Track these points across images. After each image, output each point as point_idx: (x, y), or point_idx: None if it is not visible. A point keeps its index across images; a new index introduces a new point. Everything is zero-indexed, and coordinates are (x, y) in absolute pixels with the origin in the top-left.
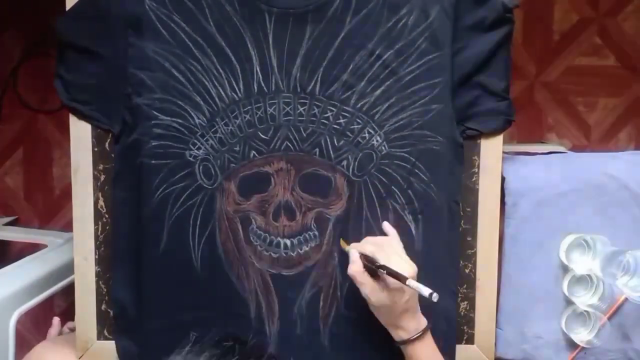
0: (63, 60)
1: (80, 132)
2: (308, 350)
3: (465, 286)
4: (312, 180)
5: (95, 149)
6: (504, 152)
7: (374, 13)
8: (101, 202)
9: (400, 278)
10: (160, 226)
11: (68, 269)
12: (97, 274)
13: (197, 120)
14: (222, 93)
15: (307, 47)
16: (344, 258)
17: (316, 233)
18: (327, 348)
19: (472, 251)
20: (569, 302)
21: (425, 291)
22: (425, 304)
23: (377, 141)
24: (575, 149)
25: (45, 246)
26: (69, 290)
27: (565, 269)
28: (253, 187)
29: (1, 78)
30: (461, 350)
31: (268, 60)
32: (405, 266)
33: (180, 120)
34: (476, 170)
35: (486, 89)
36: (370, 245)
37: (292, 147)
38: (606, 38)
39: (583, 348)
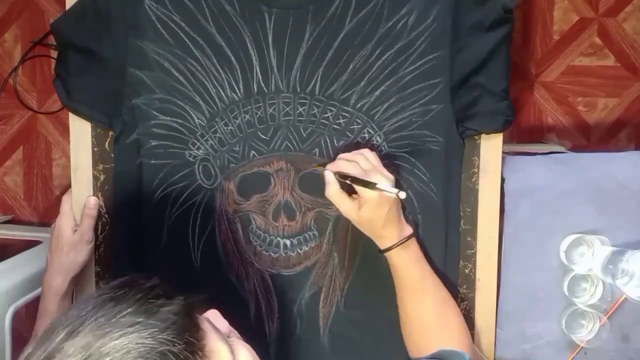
0: (63, 60)
1: (80, 132)
2: (308, 350)
3: (465, 286)
4: (312, 180)
5: (95, 149)
6: (504, 152)
7: (374, 13)
8: (101, 202)
9: (369, 185)
10: (160, 226)
11: None
12: (97, 274)
13: (196, 121)
14: (222, 93)
15: (307, 47)
16: (344, 258)
17: (316, 233)
18: (327, 348)
19: (472, 251)
20: (569, 302)
21: (393, 191)
22: None
23: (376, 141)
24: (575, 149)
25: (40, 242)
26: None
27: (565, 269)
28: (253, 187)
29: (1, 78)
30: None
31: (268, 60)
32: (379, 177)
33: (180, 120)
34: (476, 170)
35: (486, 89)
36: (344, 162)
37: (291, 147)
38: (606, 38)
39: (583, 348)
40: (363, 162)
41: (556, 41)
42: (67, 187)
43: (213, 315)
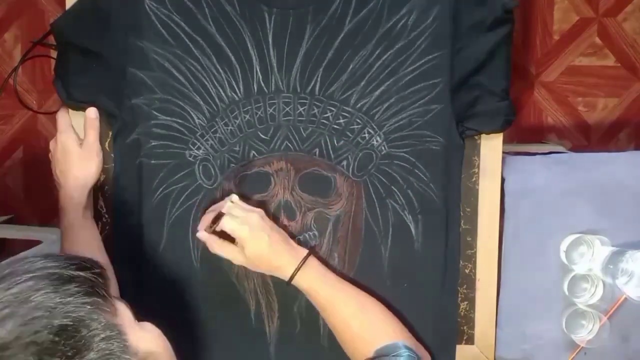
0: (63, 60)
1: (80, 132)
2: (307, 349)
3: (465, 286)
4: (312, 180)
5: None
6: (504, 152)
7: (374, 13)
8: (101, 202)
9: (219, 216)
10: (160, 226)
11: None
12: None
13: (197, 120)
14: (222, 93)
15: (307, 47)
16: (344, 258)
17: (316, 233)
18: (327, 348)
19: (472, 251)
20: (569, 302)
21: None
22: (423, 303)
23: (377, 141)
24: (575, 149)
25: (40, 242)
26: None
27: (565, 269)
28: (253, 187)
29: (1, 78)
30: (461, 350)
31: (268, 60)
32: (233, 209)
33: (180, 120)
34: (476, 170)
35: (486, 89)
36: (208, 215)
37: (292, 147)
38: (606, 38)
39: (583, 348)
40: (225, 208)
41: (556, 41)
42: None
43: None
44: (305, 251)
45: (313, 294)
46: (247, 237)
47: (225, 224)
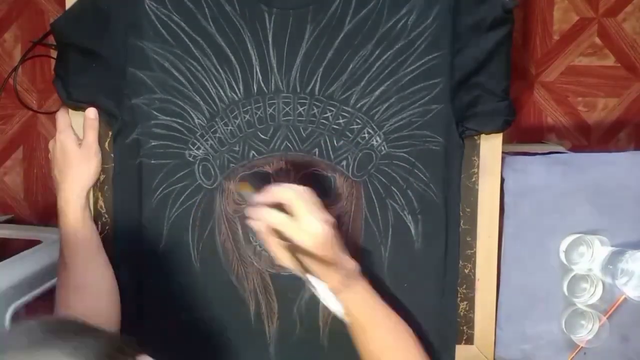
0: (63, 60)
1: (80, 133)
2: (307, 350)
3: (465, 286)
4: (312, 180)
5: None
6: (504, 152)
7: (374, 13)
8: (101, 202)
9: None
10: (160, 226)
11: None
12: None
13: (196, 121)
14: (222, 93)
15: (306, 47)
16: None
17: None
18: (327, 348)
19: (472, 251)
20: (569, 302)
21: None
22: (423, 303)
23: (376, 141)
24: (575, 149)
25: (39, 242)
26: None
27: (565, 269)
28: (253, 187)
29: (1, 78)
30: (461, 350)
31: (268, 60)
32: (309, 219)
33: (179, 120)
34: (476, 170)
35: (486, 89)
36: (267, 211)
37: (291, 147)
38: (606, 38)
39: (583, 348)
40: (297, 205)
41: (556, 41)
42: None
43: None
44: (354, 265)
45: (350, 317)
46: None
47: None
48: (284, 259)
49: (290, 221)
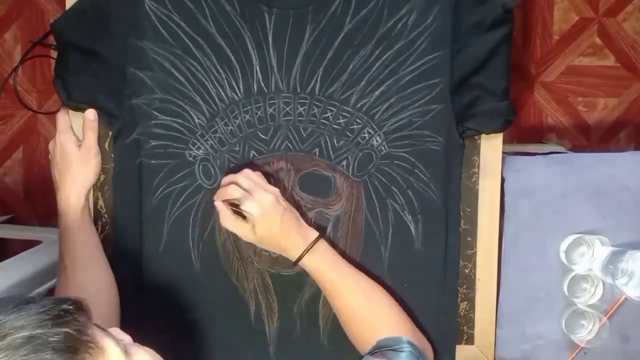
0: (63, 60)
1: (80, 134)
2: (307, 349)
3: (465, 286)
4: (312, 180)
5: None
6: (504, 152)
7: (374, 13)
8: (101, 202)
9: (236, 206)
10: (160, 226)
11: None
12: None
13: (196, 120)
14: (222, 93)
15: (307, 47)
16: (344, 258)
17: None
18: (327, 348)
19: (472, 251)
20: (569, 302)
21: (247, 211)
22: (423, 303)
23: (376, 141)
24: (575, 149)
25: (40, 242)
26: None
27: (565, 269)
28: None
29: (1, 78)
30: (461, 350)
31: (268, 60)
32: (258, 193)
33: (180, 120)
34: (476, 170)
35: (486, 89)
36: (225, 188)
37: (291, 147)
38: (606, 38)
39: (583, 348)
40: (244, 182)
41: (556, 41)
42: None
43: (114, 330)
44: (315, 233)
45: (319, 276)
46: (260, 218)
47: (241, 203)
48: (232, 224)
49: (244, 194)
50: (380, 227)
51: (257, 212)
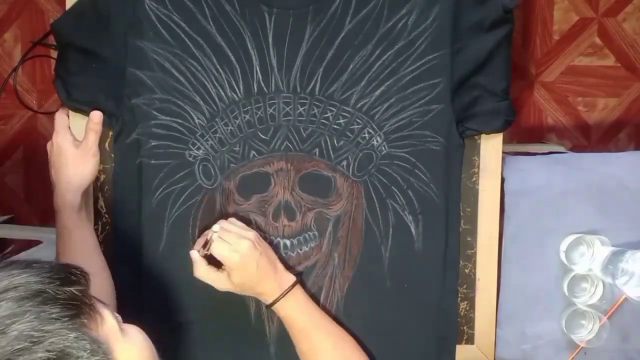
0: (63, 60)
1: (80, 133)
2: None
3: (465, 286)
4: (312, 180)
5: None
6: (504, 152)
7: (374, 13)
8: (101, 202)
9: (209, 245)
10: (160, 226)
11: None
12: None
13: (196, 121)
14: (222, 93)
15: (307, 47)
16: (344, 259)
17: (316, 233)
18: None
19: (472, 251)
20: (569, 302)
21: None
22: (423, 303)
23: (377, 141)
24: (575, 149)
25: (40, 242)
26: None
27: (565, 269)
28: (253, 188)
29: (1, 78)
30: (461, 350)
31: (268, 60)
32: (230, 237)
33: (180, 120)
34: (476, 170)
35: (486, 89)
36: (202, 238)
37: (291, 147)
38: (606, 38)
39: (583, 348)
40: (221, 233)
41: (556, 41)
42: None
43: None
44: (292, 279)
45: (289, 323)
46: (236, 265)
47: (215, 249)
48: (206, 275)
49: (227, 245)
50: (381, 227)
51: (234, 259)
